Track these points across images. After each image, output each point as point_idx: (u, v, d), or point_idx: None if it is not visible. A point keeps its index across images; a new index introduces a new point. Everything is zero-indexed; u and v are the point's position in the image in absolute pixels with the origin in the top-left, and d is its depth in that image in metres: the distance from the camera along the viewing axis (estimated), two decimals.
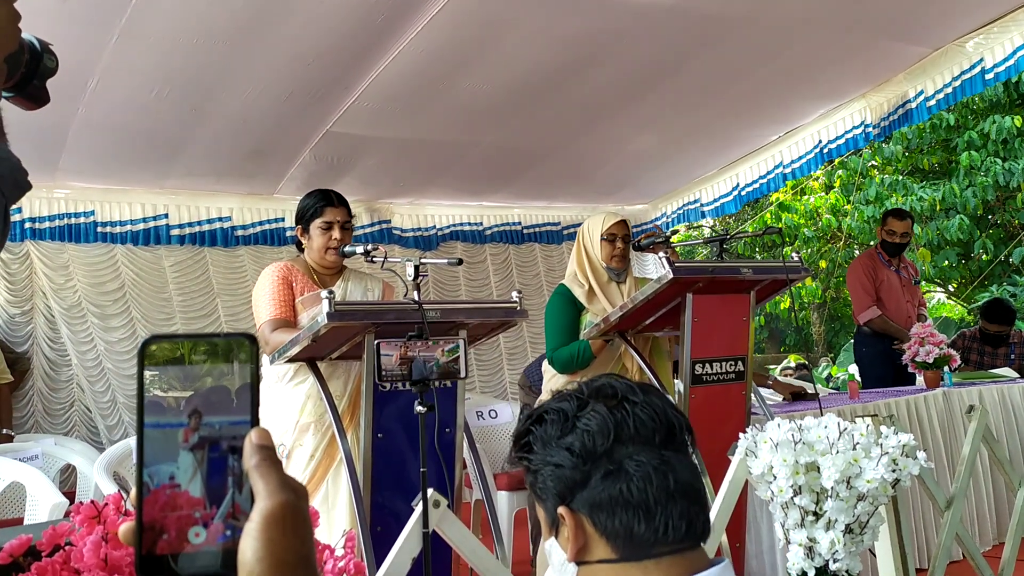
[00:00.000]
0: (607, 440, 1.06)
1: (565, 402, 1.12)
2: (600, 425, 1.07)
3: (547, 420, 1.12)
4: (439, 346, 2.43)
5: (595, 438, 1.06)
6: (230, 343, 0.54)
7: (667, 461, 1.07)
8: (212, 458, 0.54)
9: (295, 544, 0.50)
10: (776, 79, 5.41)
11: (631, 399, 1.09)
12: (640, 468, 1.05)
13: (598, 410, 1.08)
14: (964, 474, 2.85)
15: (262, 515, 0.50)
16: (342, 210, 3.27)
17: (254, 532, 0.50)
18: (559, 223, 7.87)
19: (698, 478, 1.10)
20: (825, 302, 13.74)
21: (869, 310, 5.36)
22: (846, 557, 1.99)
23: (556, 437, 1.09)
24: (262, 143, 5.42)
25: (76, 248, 5.91)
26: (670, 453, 1.07)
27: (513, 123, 5.57)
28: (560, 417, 1.10)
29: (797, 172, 6.76)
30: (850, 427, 2.05)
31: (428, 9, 4.02)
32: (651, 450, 1.06)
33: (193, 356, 0.53)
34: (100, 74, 4.25)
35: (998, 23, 5.07)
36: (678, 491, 1.06)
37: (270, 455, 0.53)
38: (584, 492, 1.06)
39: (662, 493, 1.05)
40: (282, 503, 0.51)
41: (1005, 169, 10.50)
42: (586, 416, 1.08)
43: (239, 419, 0.54)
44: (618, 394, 1.10)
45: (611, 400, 1.09)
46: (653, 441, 1.07)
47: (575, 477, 1.06)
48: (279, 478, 0.52)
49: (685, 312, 3.05)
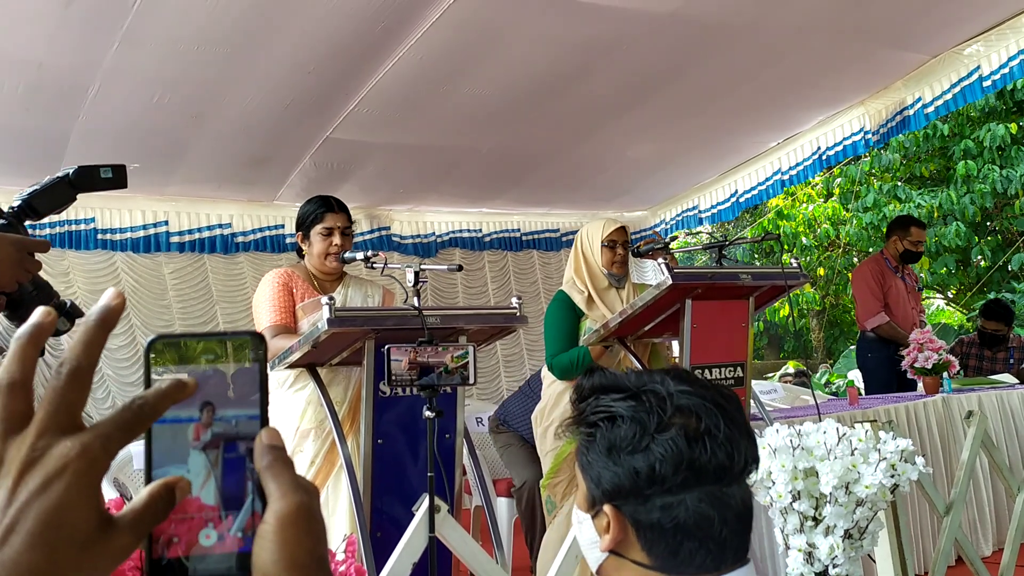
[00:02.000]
0: (676, 475, 1.01)
1: (645, 412, 1.03)
2: (675, 458, 1.01)
3: (620, 425, 1.04)
4: (448, 352, 2.44)
5: (665, 469, 1.01)
6: (237, 342, 0.53)
7: (726, 497, 1.03)
8: (228, 459, 0.53)
9: (310, 545, 0.50)
10: (775, 86, 5.43)
11: (712, 431, 1.02)
12: (700, 507, 1.01)
13: (676, 441, 1.01)
14: (963, 480, 2.85)
15: (276, 517, 0.50)
16: (342, 216, 3.28)
17: (269, 534, 0.49)
18: (558, 230, 7.88)
19: (750, 502, 1.07)
20: (824, 309, 13.75)
21: (877, 316, 5.36)
22: (845, 562, 2.00)
23: (624, 449, 1.03)
24: (262, 150, 5.43)
25: (76, 255, 5.91)
26: (732, 489, 1.04)
27: (512, 130, 5.58)
28: (636, 430, 1.03)
29: (795, 179, 6.77)
30: (849, 432, 2.06)
31: (427, 16, 4.04)
32: (715, 488, 1.03)
33: (200, 355, 0.52)
34: (101, 80, 4.26)
35: (996, 30, 5.08)
36: (731, 524, 1.03)
37: (281, 455, 0.52)
38: (638, 506, 1.03)
39: (715, 529, 1.02)
40: (297, 504, 0.50)
41: (1003, 176, 10.53)
42: (663, 442, 1.01)
43: (255, 413, 0.53)
44: (701, 424, 1.03)
45: (693, 428, 1.02)
46: (720, 479, 1.03)
47: (632, 491, 1.03)
48: (292, 478, 0.51)
49: (684, 318, 3.06)
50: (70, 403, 0.48)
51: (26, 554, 0.44)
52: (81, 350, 0.49)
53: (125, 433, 0.48)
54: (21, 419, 0.47)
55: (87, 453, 0.46)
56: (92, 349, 0.49)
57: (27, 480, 0.46)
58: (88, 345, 0.49)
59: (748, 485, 1.08)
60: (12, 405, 0.48)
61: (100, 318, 0.50)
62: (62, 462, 0.46)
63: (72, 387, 0.48)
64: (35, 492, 0.45)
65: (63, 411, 0.47)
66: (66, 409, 0.47)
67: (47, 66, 4.09)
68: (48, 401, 0.47)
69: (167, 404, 0.50)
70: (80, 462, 0.46)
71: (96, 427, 0.48)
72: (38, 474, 0.46)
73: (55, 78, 4.21)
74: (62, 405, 0.47)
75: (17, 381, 0.48)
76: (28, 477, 0.46)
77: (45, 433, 0.47)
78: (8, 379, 0.48)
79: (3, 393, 0.48)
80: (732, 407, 1.05)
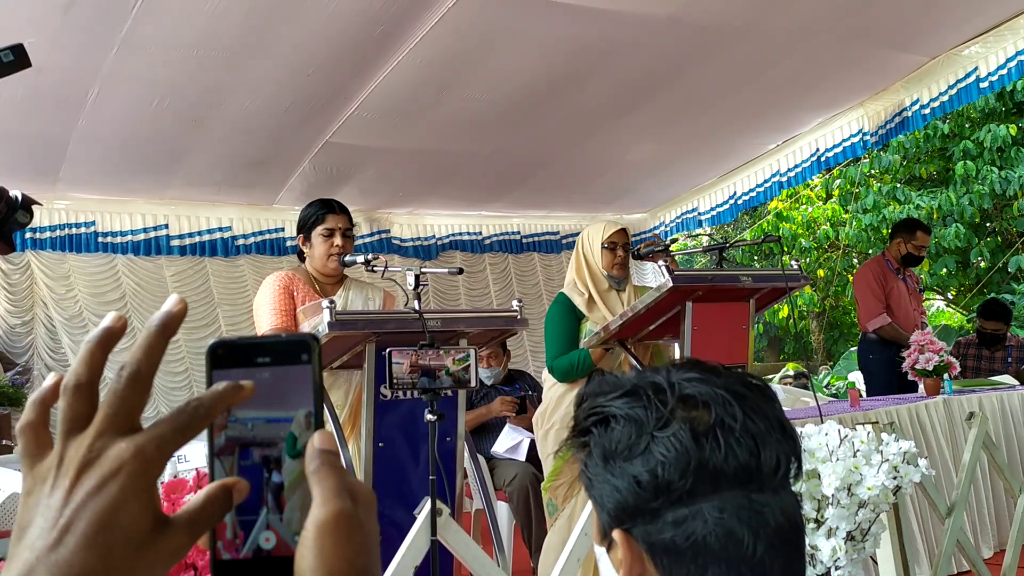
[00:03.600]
0: (685, 479, 0.81)
1: (640, 407, 0.85)
2: (679, 458, 0.82)
3: (613, 427, 0.86)
4: (450, 355, 2.44)
5: (670, 473, 0.82)
6: (293, 343, 0.53)
7: (757, 507, 0.82)
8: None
9: (349, 554, 0.49)
10: (774, 88, 5.43)
11: (727, 423, 0.82)
12: (722, 520, 0.81)
13: (680, 436, 0.82)
14: (965, 481, 2.85)
15: (315, 524, 0.49)
16: (343, 218, 3.28)
17: (308, 542, 0.49)
18: (558, 232, 7.89)
19: (795, 514, 0.85)
20: (824, 310, 13.76)
21: (879, 317, 5.36)
22: (848, 564, 1.99)
23: (621, 455, 0.84)
24: (262, 154, 5.44)
25: (77, 258, 5.92)
26: (764, 496, 0.82)
27: (512, 133, 5.59)
28: (631, 429, 0.84)
29: (794, 180, 6.79)
30: (851, 434, 2.06)
31: (427, 20, 4.04)
32: (739, 496, 0.82)
33: (257, 358, 0.52)
34: (101, 84, 4.27)
35: (993, 32, 5.10)
36: (767, 540, 0.82)
37: (330, 459, 0.50)
38: (648, 526, 0.83)
39: (746, 548, 0.81)
40: (336, 512, 0.49)
41: (1002, 177, 10.54)
42: (664, 439, 0.82)
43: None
44: (711, 413, 0.83)
45: (701, 420, 0.83)
46: (746, 483, 0.82)
47: (638, 507, 0.83)
48: (335, 484, 0.50)
49: (685, 320, 3.06)
50: (129, 406, 0.48)
51: (80, 554, 0.45)
52: (142, 354, 0.49)
53: (180, 435, 0.48)
54: (84, 420, 0.48)
55: (142, 454, 0.47)
56: (153, 354, 0.50)
57: (83, 481, 0.46)
58: (149, 350, 0.49)
59: (792, 494, 0.86)
60: (76, 406, 0.48)
61: (162, 324, 0.50)
62: (117, 463, 0.47)
63: (132, 390, 0.48)
64: (90, 493, 0.46)
65: (122, 413, 0.48)
66: (125, 411, 0.48)
67: (47, 71, 4.09)
68: (107, 403, 0.48)
69: (222, 406, 0.50)
70: (135, 463, 0.47)
71: (152, 429, 0.48)
72: (94, 475, 0.46)
73: (55, 83, 4.21)
74: (121, 408, 0.48)
75: (83, 383, 0.49)
76: (84, 478, 0.46)
77: (103, 434, 0.47)
78: (75, 380, 0.49)
79: (69, 394, 0.49)
80: (756, 396, 0.86)
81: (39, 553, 0.45)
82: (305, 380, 0.52)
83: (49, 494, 0.47)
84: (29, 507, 0.47)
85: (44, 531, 0.45)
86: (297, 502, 0.51)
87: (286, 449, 0.52)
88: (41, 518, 0.46)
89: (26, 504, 0.48)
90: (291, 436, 0.52)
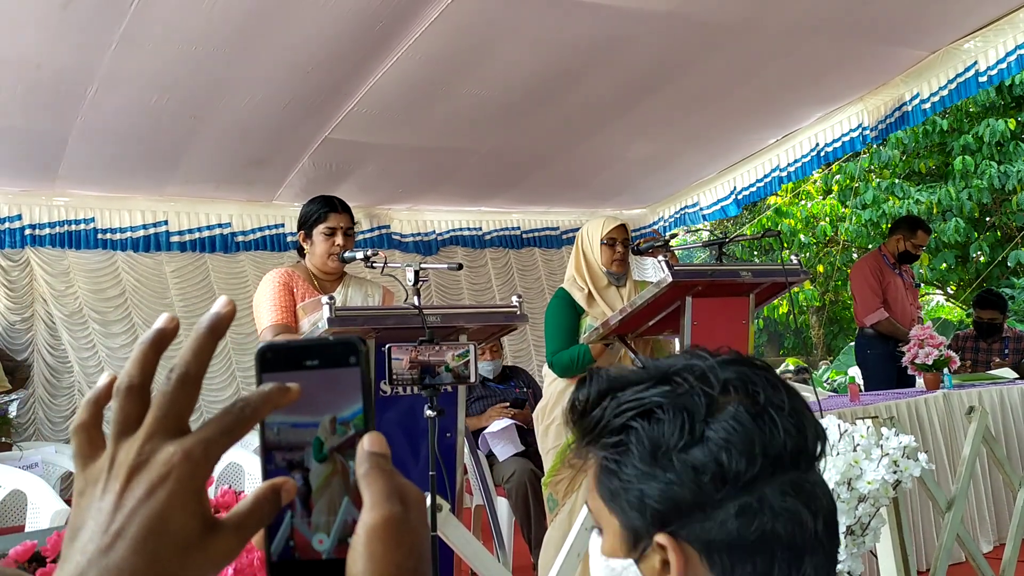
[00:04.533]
0: (753, 464, 0.77)
1: (684, 395, 0.80)
2: (744, 441, 0.77)
3: (660, 418, 0.80)
4: (450, 351, 2.44)
5: (737, 459, 0.77)
6: (342, 346, 0.53)
7: (810, 486, 0.80)
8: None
9: (399, 558, 0.49)
10: (774, 84, 5.43)
11: (776, 403, 0.79)
12: (788, 504, 0.77)
13: (740, 418, 0.78)
14: (964, 475, 2.85)
15: (365, 528, 0.49)
16: (345, 216, 3.28)
17: (358, 546, 0.49)
18: (558, 228, 7.89)
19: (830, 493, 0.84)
20: (823, 305, 13.76)
21: (876, 312, 5.37)
22: (847, 559, 2.00)
23: (676, 448, 0.78)
24: (261, 150, 5.43)
25: (76, 255, 5.93)
26: (812, 475, 0.81)
27: (511, 129, 5.58)
28: (683, 418, 0.79)
29: (793, 175, 6.79)
30: (851, 429, 2.06)
31: (426, 16, 4.04)
32: (796, 476, 0.79)
33: (305, 361, 0.52)
34: (99, 82, 4.26)
35: (993, 26, 5.09)
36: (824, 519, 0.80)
37: (380, 462, 0.51)
38: (703, 524, 0.77)
39: (810, 529, 0.78)
40: (386, 515, 0.49)
41: (1001, 172, 10.53)
42: (722, 423, 0.78)
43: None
44: (760, 395, 0.80)
45: (751, 402, 0.79)
46: (797, 464, 0.79)
47: (693, 502, 0.77)
48: (385, 488, 0.50)
49: (684, 315, 3.06)
50: (179, 408, 0.49)
51: (131, 559, 0.45)
52: (191, 356, 0.49)
53: (227, 436, 0.49)
54: (135, 422, 0.49)
55: (190, 458, 0.47)
56: (202, 355, 0.50)
57: (134, 486, 0.47)
58: (198, 352, 0.50)
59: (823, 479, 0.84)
60: (128, 408, 0.49)
61: (210, 325, 0.50)
62: (166, 468, 0.47)
63: (181, 392, 0.49)
64: (141, 499, 0.46)
65: (171, 416, 0.48)
66: (174, 414, 0.49)
67: (45, 67, 4.09)
68: (157, 406, 0.49)
69: (269, 407, 0.50)
70: (183, 468, 0.47)
71: (199, 432, 0.49)
72: (144, 480, 0.47)
73: (53, 79, 4.20)
74: (170, 410, 0.48)
75: (135, 385, 0.49)
76: (135, 483, 0.47)
77: (153, 437, 0.48)
78: (127, 382, 0.49)
79: (121, 395, 0.49)
80: (775, 377, 0.83)
81: (91, 556, 0.46)
82: (354, 382, 0.52)
83: (101, 497, 0.47)
84: (82, 508, 0.48)
85: (96, 535, 0.46)
86: (324, 505, 0.52)
87: (312, 453, 0.52)
88: (93, 521, 0.47)
89: (79, 505, 0.48)
90: (317, 440, 0.52)
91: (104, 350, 5.85)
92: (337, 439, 0.52)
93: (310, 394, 0.51)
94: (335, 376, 0.52)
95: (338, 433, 0.52)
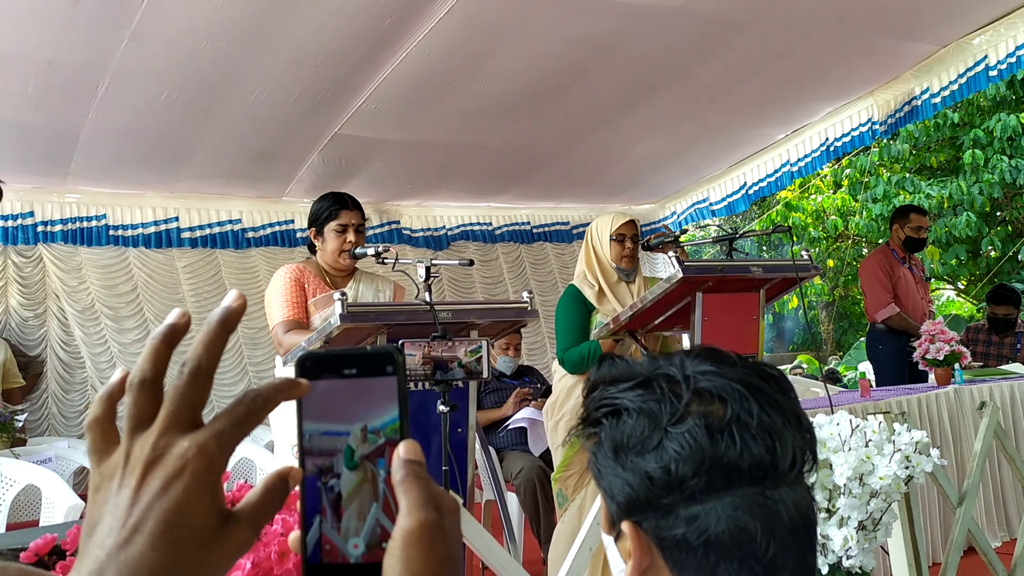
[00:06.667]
0: (698, 476, 0.79)
1: (655, 401, 0.83)
2: (692, 455, 0.79)
3: (625, 420, 0.83)
4: (462, 346, 2.44)
5: (683, 470, 0.79)
6: (379, 355, 0.53)
7: (771, 504, 0.80)
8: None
9: (433, 564, 0.49)
10: (783, 78, 5.42)
11: (743, 419, 0.80)
12: (736, 517, 0.79)
13: (695, 433, 0.80)
14: (976, 470, 2.85)
15: (401, 534, 0.50)
16: (356, 213, 3.29)
17: (394, 551, 0.50)
18: (568, 223, 7.89)
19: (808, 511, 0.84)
20: (834, 301, 13.72)
21: (888, 307, 5.35)
22: (859, 554, 2.00)
23: (633, 449, 0.82)
24: (270, 146, 5.45)
25: (89, 251, 5.96)
26: (781, 491, 0.81)
27: (521, 124, 5.58)
28: (644, 423, 0.82)
29: (803, 170, 6.77)
30: (862, 424, 2.06)
31: (435, 11, 4.04)
32: (754, 493, 0.80)
33: (344, 370, 0.53)
34: (110, 78, 4.28)
35: (1004, 20, 5.07)
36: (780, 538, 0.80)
37: (416, 470, 0.51)
38: (659, 520, 0.81)
39: (759, 546, 0.80)
40: (421, 522, 0.50)
41: (1012, 166, 10.47)
42: (678, 435, 0.80)
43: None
44: (727, 408, 0.81)
45: (716, 415, 0.81)
46: (761, 480, 0.80)
47: (649, 501, 0.81)
48: (421, 495, 0.50)
49: (695, 311, 3.06)
50: (192, 402, 0.49)
51: (149, 554, 0.46)
52: (203, 350, 0.50)
53: (239, 428, 0.49)
54: (149, 416, 0.49)
55: (204, 452, 0.48)
56: (214, 349, 0.50)
57: (150, 481, 0.47)
58: (210, 345, 0.50)
59: (806, 488, 0.85)
60: (141, 402, 0.49)
61: (222, 319, 0.51)
62: (181, 462, 0.47)
63: (194, 386, 0.49)
64: (157, 494, 0.47)
65: (184, 409, 0.49)
66: (187, 407, 0.49)
67: (56, 64, 4.11)
68: (170, 400, 0.49)
69: (280, 398, 0.51)
70: (198, 462, 0.48)
71: (211, 425, 0.49)
72: (159, 474, 0.47)
73: (64, 76, 4.22)
74: (184, 404, 0.49)
75: (148, 379, 0.50)
76: (151, 477, 0.47)
77: (167, 431, 0.48)
78: (140, 376, 0.50)
79: (134, 390, 0.49)
80: (773, 389, 0.84)
81: (109, 551, 0.46)
82: (390, 391, 0.53)
83: (117, 492, 0.48)
84: (98, 504, 0.48)
85: (113, 530, 0.47)
86: (354, 512, 0.52)
87: (343, 460, 0.53)
88: (110, 516, 0.47)
89: (95, 501, 0.49)
90: (348, 448, 0.53)
91: (116, 346, 5.88)
92: (368, 447, 0.53)
93: (345, 402, 0.52)
94: (371, 385, 0.53)
95: (369, 441, 0.53)
